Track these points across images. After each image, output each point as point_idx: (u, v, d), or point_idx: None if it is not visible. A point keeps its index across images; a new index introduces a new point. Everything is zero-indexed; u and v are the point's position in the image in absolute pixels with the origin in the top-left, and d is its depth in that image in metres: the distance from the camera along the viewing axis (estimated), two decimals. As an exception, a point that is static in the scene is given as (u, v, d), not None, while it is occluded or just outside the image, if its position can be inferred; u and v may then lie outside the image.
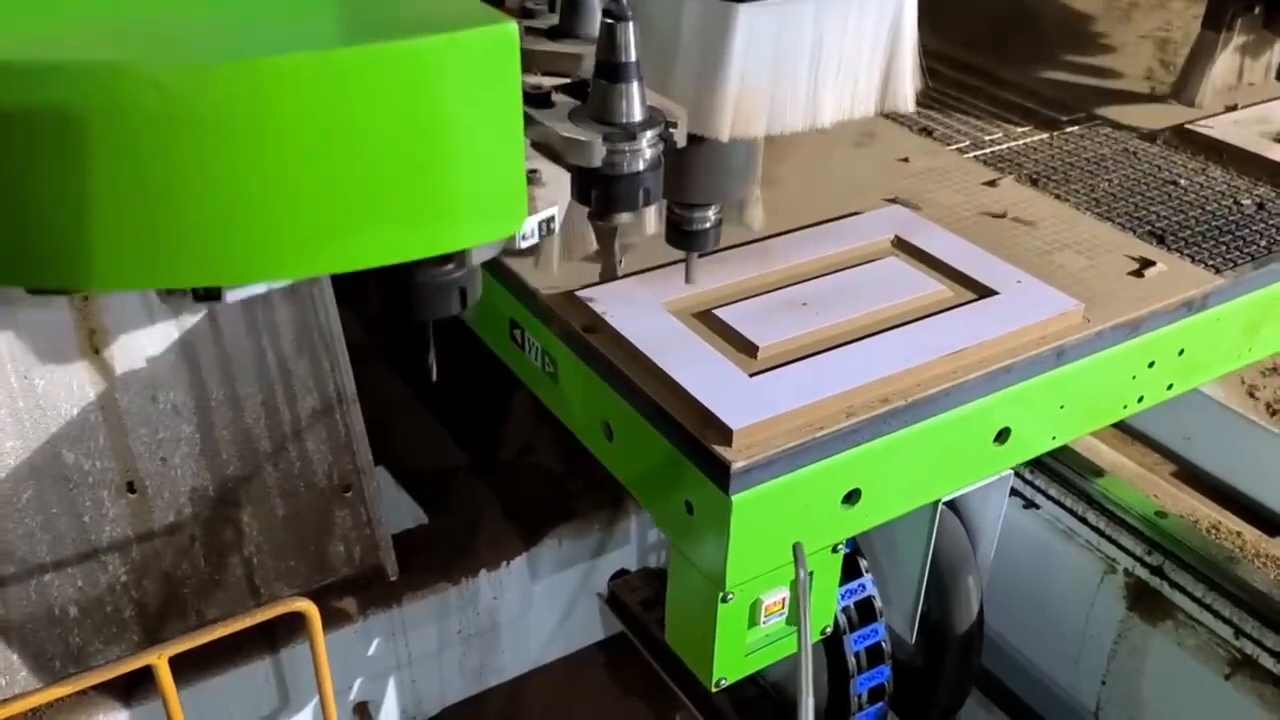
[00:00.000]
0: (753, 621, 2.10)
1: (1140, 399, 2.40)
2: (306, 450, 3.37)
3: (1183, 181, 2.86)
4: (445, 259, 1.43)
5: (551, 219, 1.50)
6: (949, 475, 2.19)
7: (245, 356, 3.14)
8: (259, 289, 1.48)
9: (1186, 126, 3.07)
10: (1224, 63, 3.07)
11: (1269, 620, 3.14)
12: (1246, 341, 2.55)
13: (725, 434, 1.84)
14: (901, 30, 1.92)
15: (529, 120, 1.56)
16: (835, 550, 2.17)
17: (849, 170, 2.97)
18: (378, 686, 3.78)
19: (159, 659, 2.66)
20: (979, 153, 3.05)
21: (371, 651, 3.69)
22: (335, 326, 3.23)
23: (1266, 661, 3.15)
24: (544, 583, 4.02)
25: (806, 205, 2.68)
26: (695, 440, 1.87)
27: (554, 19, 1.82)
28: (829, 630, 2.27)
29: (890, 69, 1.96)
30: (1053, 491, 3.56)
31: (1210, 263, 2.46)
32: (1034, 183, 2.83)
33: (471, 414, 4.29)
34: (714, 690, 2.17)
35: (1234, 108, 3.17)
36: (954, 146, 3.10)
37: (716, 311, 2.19)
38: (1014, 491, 3.70)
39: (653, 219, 2.18)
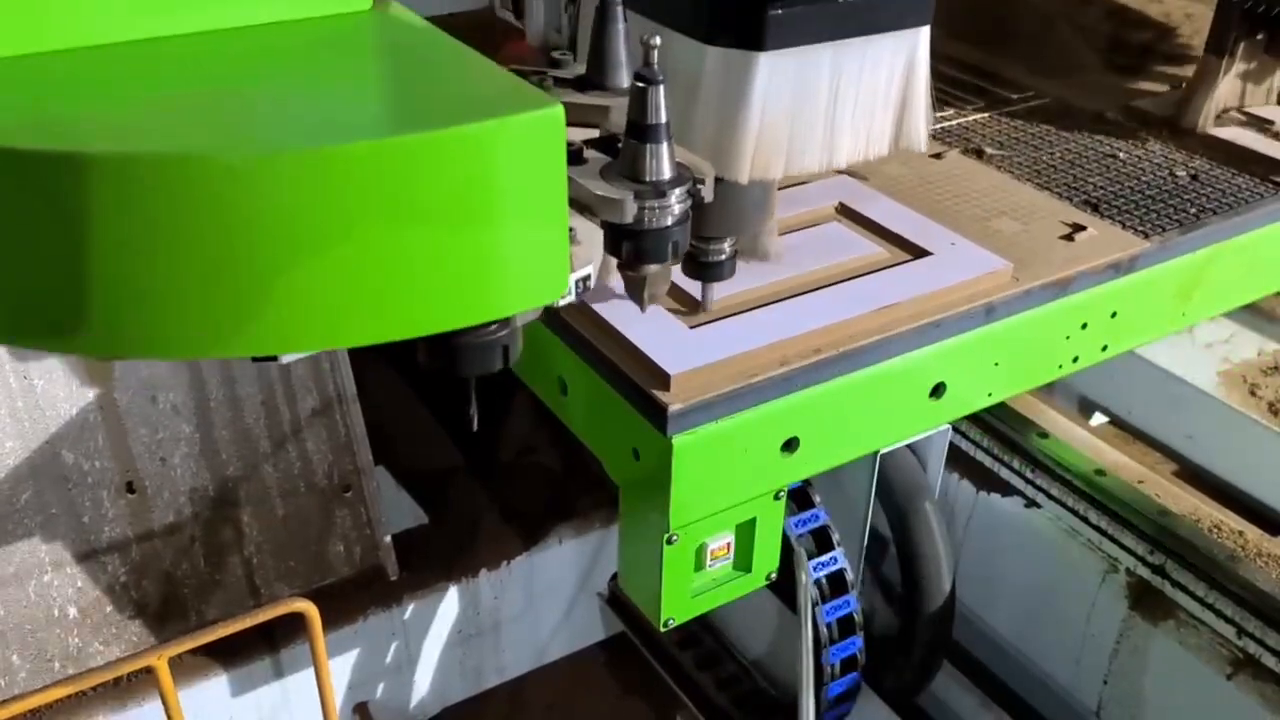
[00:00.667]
0: (699, 565, 2.18)
1: (1075, 359, 2.47)
2: (306, 450, 3.37)
3: (1122, 155, 2.92)
4: (491, 321, 1.51)
5: (588, 277, 1.57)
6: (886, 427, 2.27)
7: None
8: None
9: (1131, 104, 3.13)
10: (1226, 87, 3.09)
11: (1271, 619, 3.13)
12: (1180, 305, 2.63)
13: (664, 379, 1.92)
14: (915, 71, 2.00)
15: None
16: (778, 497, 2.23)
17: None
18: (378, 686, 3.78)
19: (159, 660, 2.66)
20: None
21: (372, 652, 3.69)
22: (335, 326, 3.23)
23: (1269, 661, 3.14)
24: (544, 582, 4.02)
25: None
26: (638, 387, 1.96)
27: (580, 69, 1.88)
28: (773, 576, 2.32)
29: (904, 109, 2.03)
30: (1054, 491, 3.55)
31: (1140, 229, 2.53)
32: (979, 155, 2.88)
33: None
34: (662, 629, 2.23)
35: (1178, 86, 3.21)
36: None
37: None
38: (1015, 491, 3.70)
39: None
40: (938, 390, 2.22)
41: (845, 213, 2.49)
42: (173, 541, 3.24)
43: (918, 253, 2.31)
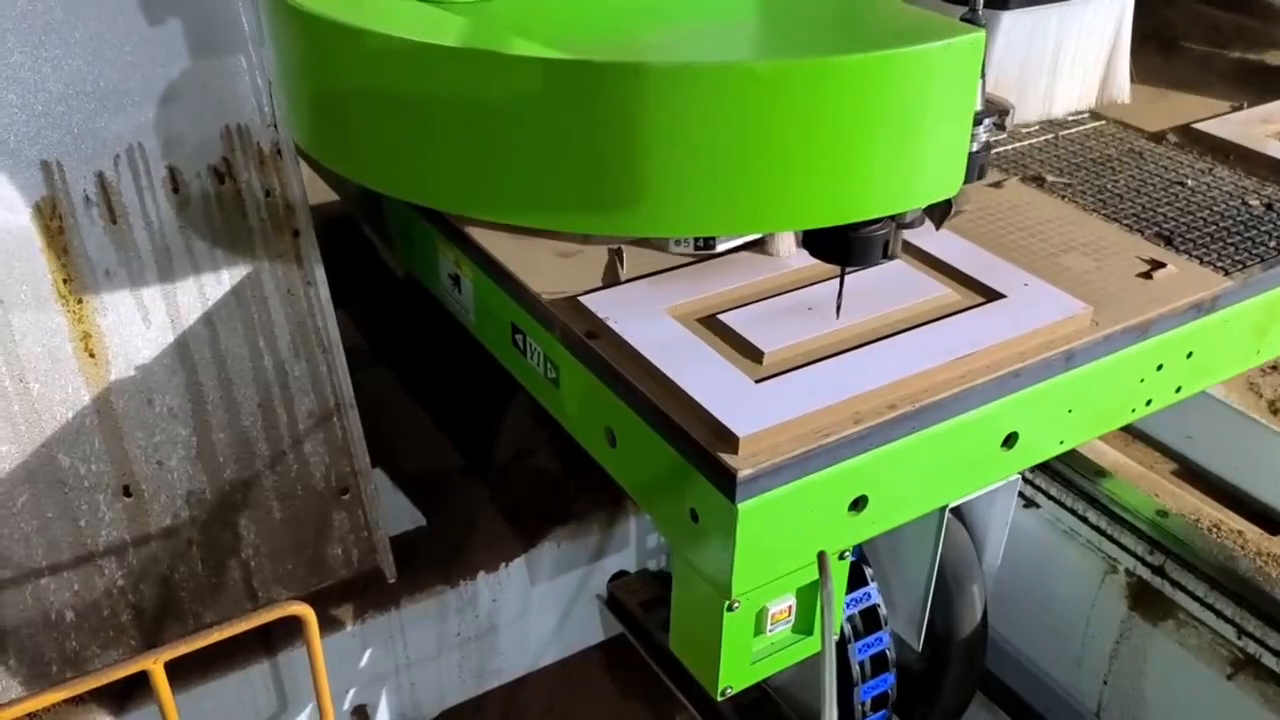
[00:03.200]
0: (759, 629, 2.07)
1: (1148, 402, 2.38)
2: (304, 453, 3.36)
3: (1190, 182, 2.82)
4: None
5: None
6: (956, 480, 2.17)
7: (242, 359, 3.12)
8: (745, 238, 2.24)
9: (1192, 126, 3.05)
10: None
11: (1271, 619, 3.12)
12: (1255, 343, 2.53)
13: (731, 441, 1.81)
14: (1121, 33, 2.34)
15: None
16: (842, 557, 2.13)
17: None
18: (376, 690, 3.77)
19: (155, 664, 2.64)
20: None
21: (369, 654, 3.68)
22: (333, 329, 3.22)
23: (1269, 661, 3.14)
24: (542, 585, 4.01)
25: None
26: (701, 448, 1.85)
27: None
28: (837, 638, 2.25)
29: (1111, 65, 2.41)
30: (1054, 491, 3.54)
31: (1219, 264, 2.43)
32: (1039, 183, 2.79)
33: (469, 416, 4.28)
34: (719, 699, 2.14)
35: (1240, 107, 3.14)
36: None
37: (721, 316, 2.16)
38: (1015, 491, 3.70)
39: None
40: (1009, 440, 2.13)
41: (908, 249, 2.39)
42: (170, 545, 3.23)
43: (990, 295, 2.22)
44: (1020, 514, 3.68)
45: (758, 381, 1.96)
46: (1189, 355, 2.38)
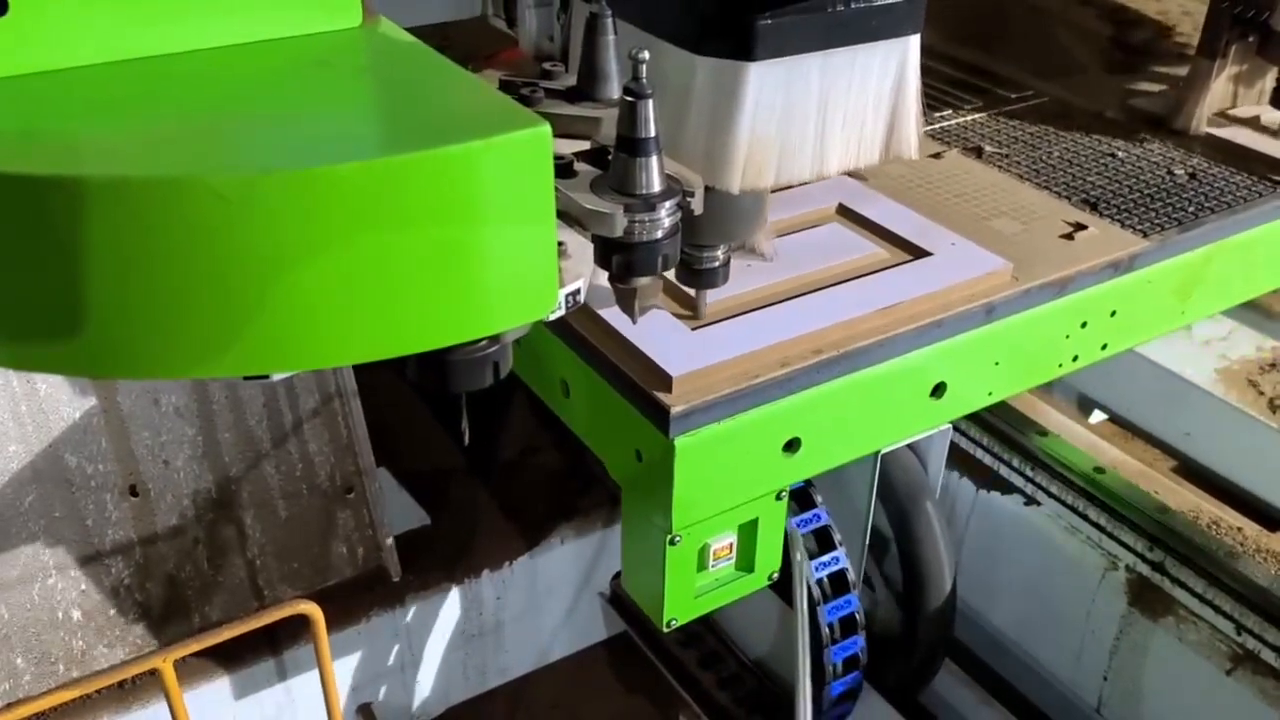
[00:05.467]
0: (701, 565, 2.20)
1: (1075, 358, 2.49)
2: (309, 452, 3.38)
3: (1121, 154, 2.92)
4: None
5: (578, 291, 1.57)
6: (887, 427, 2.29)
7: (247, 359, 3.14)
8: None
9: (1129, 103, 3.14)
10: (1218, 90, 3.10)
11: (1270, 615, 3.14)
12: (1179, 304, 2.64)
13: (666, 381, 1.93)
14: (906, 79, 1.99)
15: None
16: (779, 497, 2.25)
17: None
18: (381, 687, 3.79)
19: (164, 662, 2.67)
20: (928, 128, 3.05)
21: (375, 652, 3.70)
22: (336, 328, 3.23)
23: (1268, 656, 3.16)
24: (546, 582, 4.03)
25: None
26: (639, 388, 1.97)
27: (571, 79, 1.87)
28: (775, 576, 2.35)
29: (896, 116, 2.02)
30: (1054, 488, 3.56)
31: (1139, 227, 2.54)
32: (978, 155, 2.89)
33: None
34: (665, 629, 2.25)
35: (1177, 85, 3.22)
36: None
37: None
38: (1015, 489, 3.71)
39: None
40: (938, 390, 2.24)
41: (845, 213, 2.50)
42: (176, 544, 3.25)
43: (918, 253, 2.33)
44: (1021, 511, 3.69)
45: (694, 330, 2.07)
46: (1113, 314, 2.48)
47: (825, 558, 3.05)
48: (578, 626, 4.23)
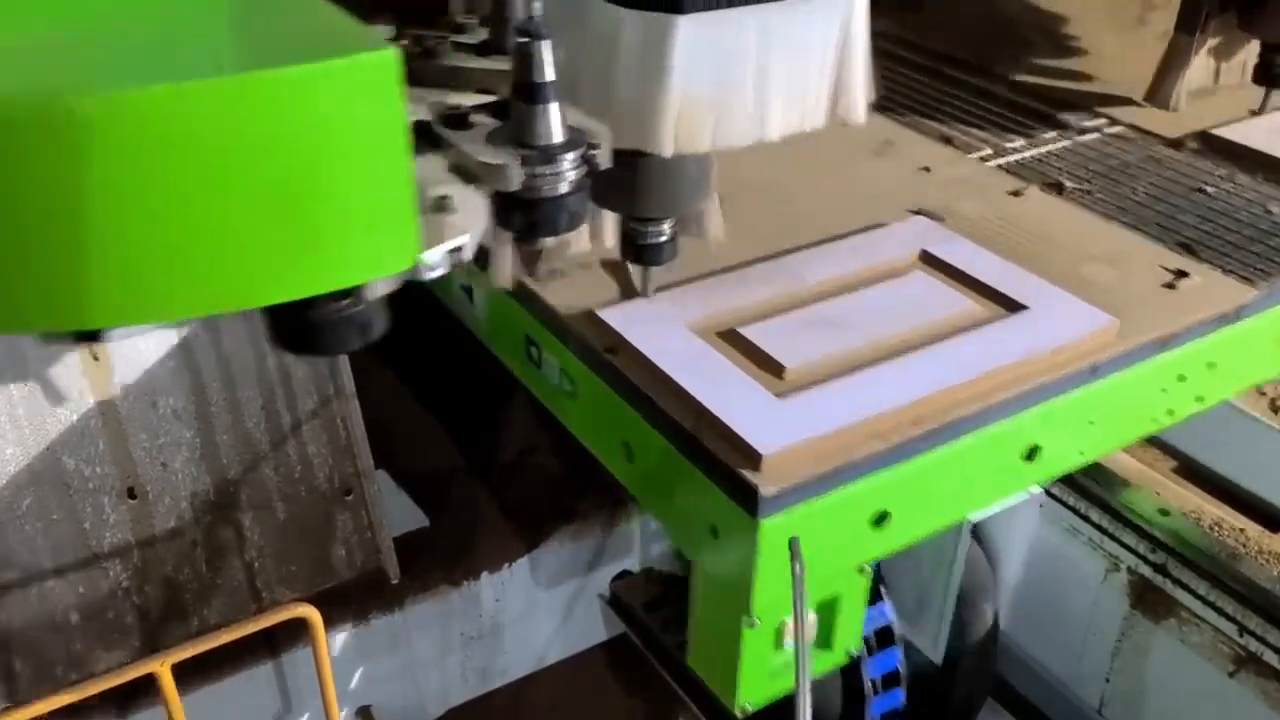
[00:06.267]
0: (777, 644, 2.06)
1: (1170, 413, 2.35)
2: (307, 454, 3.37)
3: (1210, 189, 2.80)
4: (341, 294, 1.38)
5: (460, 248, 1.47)
6: (977, 493, 2.14)
7: (245, 361, 3.13)
8: (142, 330, 1.43)
9: (1211, 132, 3.04)
10: (1198, 65, 3.03)
11: (1273, 617, 3.13)
12: (1277, 352, 2.51)
13: (754, 459, 1.79)
14: (851, 39, 1.86)
15: (446, 143, 1.54)
16: (862, 571, 2.12)
17: (869, 181, 2.89)
18: (380, 690, 3.77)
19: (162, 666, 2.65)
20: (1001, 161, 2.99)
21: (374, 655, 3.68)
22: (335, 330, 3.21)
23: (1270, 658, 3.15)
24: (546, 584, 4.01)
25: (828, 217, 2.61)
26: (724, 465, 1.82)
27: (484, 34, 1.78)
28: (854, 653, 2.23)
29: (841, 79, 1.88)
30: (1056, 490, 3.55)
31: (1243, 274, 2.40)
32: (1059, 190, 2.77)
33: (472, 416, 4.28)
34: (739, 714, 2.11)
35: (1257, 112, 3.11)
36: (975, 155, 3.03)
37: (741, 330, 2.13)
38: (1016, 490, 3.70)
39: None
40: (1031, 453, 2.10)
41: (928, 260, 2.36)
42: (174, 546, 3.23)
43: (1012, 306, 2.18)
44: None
45: (780, 397, 1.93)
46: (1211, 365, 2.35)
47: (871, 610, 2.92)
48: (577, 628, 4.21)
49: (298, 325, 1.42)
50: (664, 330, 2.11)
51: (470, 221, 1.48)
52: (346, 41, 1.22)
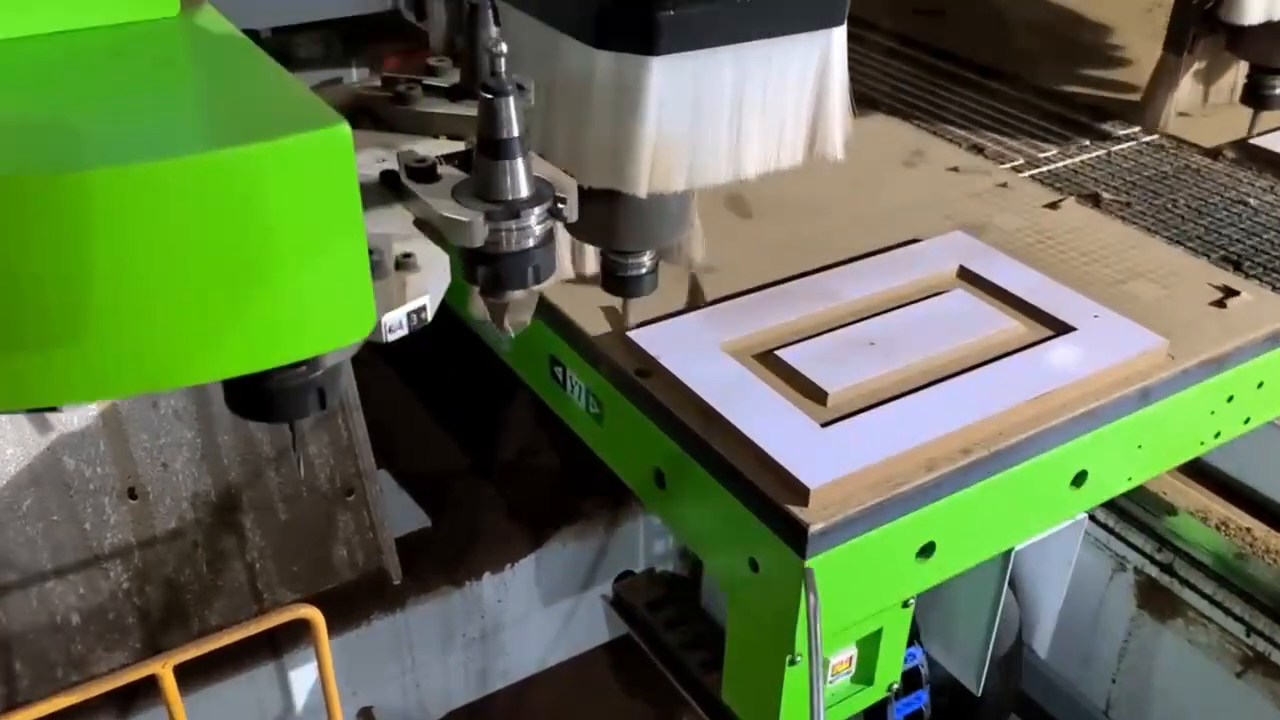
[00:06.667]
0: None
1: (1217, 434, 2.28)
2: (309, 454, 3.35)
3: (1252, 201, 2.74)
4: (297, 363, 1.34)
5: (423, 309, 1.42)
6: (1024, 522, 2.08)
7: (246, 360, 3.11)
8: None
9: (1250, 142, 2.98)
10: (1187, 85, 2.99)
11: (1280, 617, 3.12)
12: None
13: (802, 493, 1.72)
14: (829, 75, 1.80)
15: (411, 196, 1.50)
16: (906, 605, 2.04)
17: (901, 193, 2.80)
18: (381, 691, 3.75)
19: (164, 668, 2.64)
20: (1035, 171, 2.93)
21: (375, 656, 3.67)
22: (336, 329, 3.19)
23: (1278, 659, 3.13)
24: (548, 585, 4.00)
25: (861, 232, 2.54)
26: (767, 498, 1.75)
27: (457, 75, 1.72)
28: (896, 687, 2.17)
29: (819, 116, 1.82)
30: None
31: None
32: (1096, 202, 2.70)
33: (474, 417, 4.27)
34: None
35: (1247, 135, 3.07)
36: (1008, 165, 2.96)
37: (779, 353, 2.06)
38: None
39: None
40: (1079, 479, 2.04)
41: (968, 278, 2.29)
42: (175, 547, 3.22)
43: (1059, 327, 2.11)
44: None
45: (824, 426, 1.86)
46: (1260, 385, 2.28)
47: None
48: (580, 629, 4.20)
49: (254, 393, 1.40)
50: (698, 353, 2.03)
51: (432, 281, 1.45)
52: (299, 117, 1.20)
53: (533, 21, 1.73)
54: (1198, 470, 3.62)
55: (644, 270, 1.90)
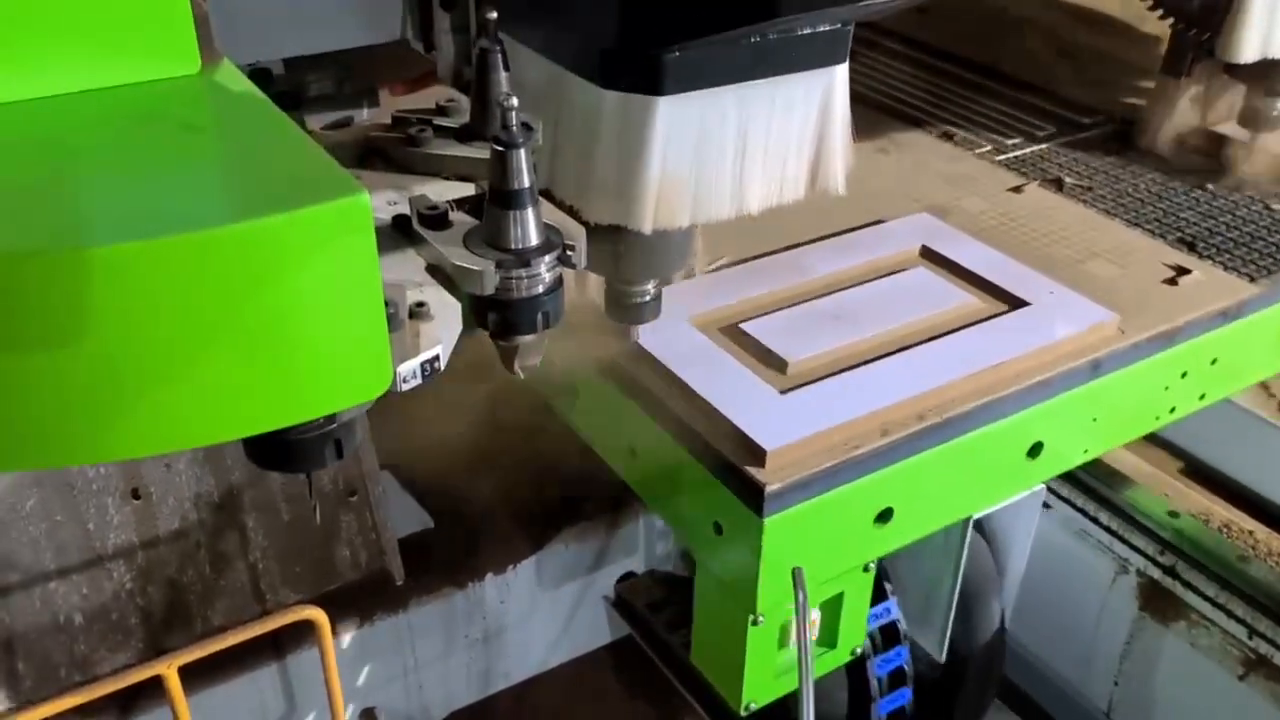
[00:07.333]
0: (782, 643, 2.07)
1: (1172, 409, 2.36)
2: (311, 455, 3.35)
3: (1210, 185, 2.82)
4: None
5: (436, 358, 1.44)
6: (981, 491, 2.15)
7: (250, 361, 3.11)
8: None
9: (1211, 129, 3.04)
10: (1185, 108, 3.03)
11: (1283, 620, 3.13)
12: (1278, 349, 2.51)
13: (759, 455, 1.79)
14: (831, 112, 1.84)
15: (423, 242, 1.54)
16: (866, 569, 2.13)
17: (871, 177, 2.89)
18: (384, 692, 3.75)
19: (168, 669, 2.64)
20: (1002, 158, 3.01)
21: (378, 657, 3.67)
22: (340, 330, 3.19)
23: (1280, 661, 3.14)
24: (550, 586, 4.00)
25: (830, 213, 2.58)
26: (726, 461, 1.83)
27: (465, 116, 1.75)
28: (860, 651, 2.23)
29: (821, 151, 1.86)
30: (1064, 492, 3.54)
31: (1244, 270, 2.42)
32: (1059, 187, 2.79)
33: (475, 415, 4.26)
34: (743, 713, 2.11)
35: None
36: (976, 152, 3.05)
37: (744, 326, 2.14)
38: (1024, 491, 3.69)
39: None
40: (1035, 450, 2.11)
41: (930, 256, 2.37)
42: (178, 547, 3.22)
43: (1014, 302, 2.19)
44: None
45: (783, 392, 1.93)
46: (1213, 362, 2.36)
47: (877, 608, 2.92)
48: (581, 631, 4.20)
49: (272, 446, 1.43)
50: (666, 325, 2.10)
51: (445, 329, 1.48)
52: (320, 186, 1.22)
53: (540, 59, 1.76)
54: (1200, 473, 3.63)
55: (648, 298, 1.94)
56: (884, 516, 1.94)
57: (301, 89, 2.02)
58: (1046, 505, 3.62)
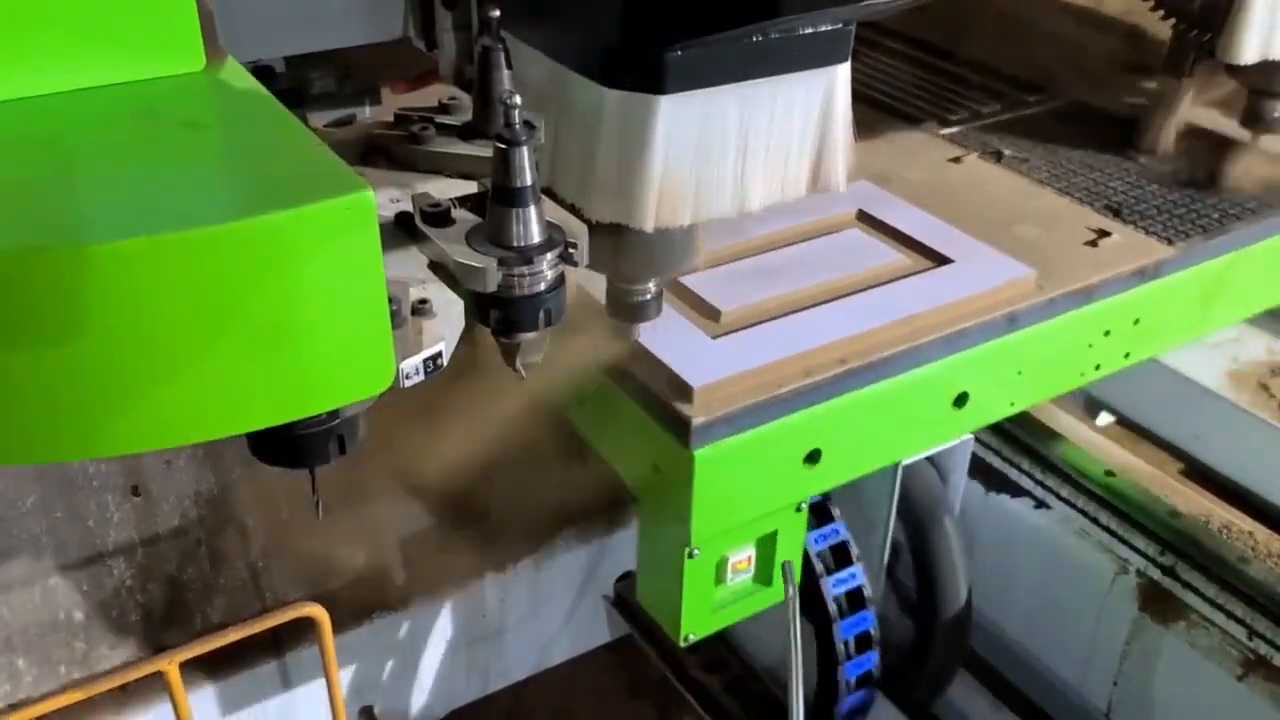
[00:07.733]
0: (719, 579, 2.19)
1: (1098, 367, 2.47)
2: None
3: (1142, 158, 2.92)
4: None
5: (439, 355, 1.46)
6: (909, 438, 2.28)
7: (250, 358, 3.11)
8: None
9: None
10: (1186, 108, 3.06)
11: (1282, 620, 3.13)
12: (1203, 311, 2.63)
13: (686, 391, 1.91)
14: (832, 112, 1.85)
15: (425, 240, 1.55)
16: (799, 509, 2.23)
17: None
18: (384, 689, 3.76)
19: (170, 665, 2.64)
20: (945, 131, 3.08)
21: (377, 655, 3.67)
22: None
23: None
24: (550, 585, 4.00)
25: None
26: (659, 399, 1.95)
27: (468, 114, 1.76)
28: (792, 592, 2.34)
29: (822, 151, 1.87)
30: (1064, 492, 3.54)
31: (1163, 235, 2.53)
32: (998, 159, 2.88)
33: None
34: (681, 644, 2.24)
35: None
36: (920, 127, 3.11)
37: (682, 279, 2.23)
38: (1025, 492, 3.69)
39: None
40: (960, 400, 2.21)
41: (865, 219, 2.47)
42: (178, 545, 3.22)
43: (940, 260, 2.30)
44: (1031, 514, 3.67)
45: (715, 338, 2.05)
46: (1136, 322, 2.46)
47: (842, 574, 3.03)
48: (581, 629, 4.21)
49: (276, 442, 1.46)
50: None
51: (447, 326, 1.50)
52: (324, 183, 1.23)
53: (542, 58, 1.77)
54: (1200, 474, 3.63)
55: (649, 296, 1.96)
56: (813, 457, 2.04)
57: (304, 87, 2.04)
58: (1047, 506, 3.62)
